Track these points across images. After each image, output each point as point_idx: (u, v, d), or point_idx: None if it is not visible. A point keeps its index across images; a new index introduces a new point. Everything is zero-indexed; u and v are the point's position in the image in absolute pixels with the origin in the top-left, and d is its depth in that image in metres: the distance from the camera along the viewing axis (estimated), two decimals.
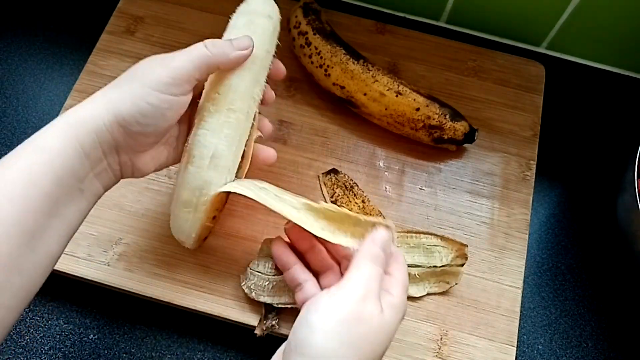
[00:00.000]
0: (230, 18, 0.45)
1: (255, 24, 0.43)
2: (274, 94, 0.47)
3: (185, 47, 0.57)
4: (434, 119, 0.51)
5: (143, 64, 0.39)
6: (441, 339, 0.47)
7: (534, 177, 0.54)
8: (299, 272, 0.42)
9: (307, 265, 0.43)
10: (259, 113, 0.45)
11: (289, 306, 0.44)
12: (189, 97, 0.40)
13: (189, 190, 0.41)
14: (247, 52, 0.41)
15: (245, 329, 0.47)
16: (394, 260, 0.39)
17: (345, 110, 0.55)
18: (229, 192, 0.42)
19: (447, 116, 0.51)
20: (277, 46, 0.45)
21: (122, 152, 0.38)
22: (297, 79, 0.57)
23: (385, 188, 0.53)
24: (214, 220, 0.45)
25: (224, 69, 0.41)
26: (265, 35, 0.43)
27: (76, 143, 0.35)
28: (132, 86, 0.37)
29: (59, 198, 0.34)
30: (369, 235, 0.38)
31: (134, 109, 0.37)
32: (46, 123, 0.55)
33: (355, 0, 0.65)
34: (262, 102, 0.45)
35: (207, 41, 0.40)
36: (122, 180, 0.40)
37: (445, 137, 0.52)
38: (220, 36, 0.58)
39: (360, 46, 0.58)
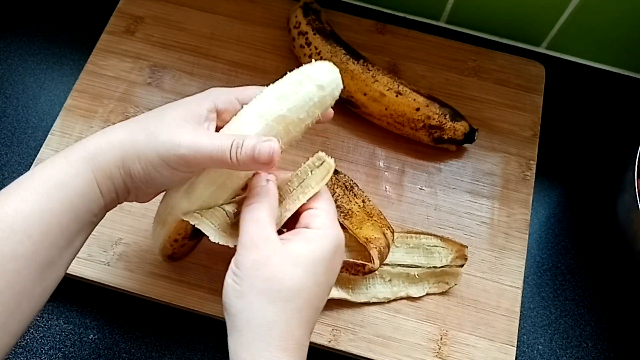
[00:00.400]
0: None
1: (303, 86, 0.38)
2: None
3: (185, 47, 0.58)
4: (434, 119, 0.51)
5: (168, 126, 0.36)
6: (441, 339, 0.47)
7: (534, 177, 0.54)
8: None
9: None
10: None
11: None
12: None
13: (163, 203, 0.41)
14: (265, 168, 0.37)
15: None
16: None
17: (345, 110, 0.55)
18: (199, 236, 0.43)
19: (447, 116, 0.51)
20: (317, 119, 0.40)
21: (132, 193, 0.38)
22: None
23: (385, 188, 0.53)
24: (178, 245, 0.43)
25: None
26: (304, 103, 0.38)
27: (95, 185, 0.35)
28: (149, 148, 0.36)
29: (74, 232, 0.35)
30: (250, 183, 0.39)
31: (144, 174, 0.36)
32: (46, 123, 0.56)
33: (355, 0, 0.65)
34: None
35: (236, 142, 0.35)
36: None
37: (445, 137, 0.52)
38: (219, 35, 0.58)
39: (360, 46, 0.58)
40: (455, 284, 0.48)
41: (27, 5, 0.63)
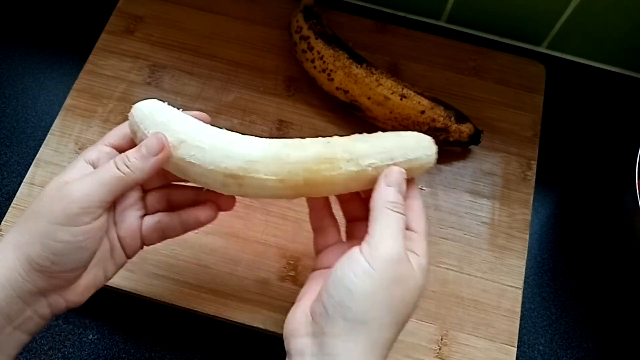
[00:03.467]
0: None
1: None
2: None
3: (185, 46, 0.58)
4: (439, 122, 0.51)
5: (46, 196, 0.34)
6: (441, 339, 0.47)
7: (534, 177, 0.54)
8: (325, 215, 0.40)
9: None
10: None
11: None
12: (105, 217, 0.35)
13: None
14: (162, 156, 0.35)
15: (245, 330, 0.47)
16: (411, 209, 0.37)
17: (345, 110, 0.55)
18: None
19: (452, 118, 0.51)
20: None
21: (50, 294, 0.34)
22: (297, 79, 0.57)
23: None
24: None
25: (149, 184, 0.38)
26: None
27: (14, 257, 0.32)
28: (38, 225, 0.33)
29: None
30: (381, 177, 0.36)
31: (45, 251, 0.33)
32: (45, 123, 0.56)
33: (355, 0, 0.65)
34: None
35: (117, 159, 0.35)
36: None
37: (451, 139, 0.52)
38: (219, 35, 0.58)
39: (360, 46, 0.58)
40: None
41: (27, 6, 0.63)
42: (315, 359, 0.32)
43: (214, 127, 0.37)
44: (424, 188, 0.53)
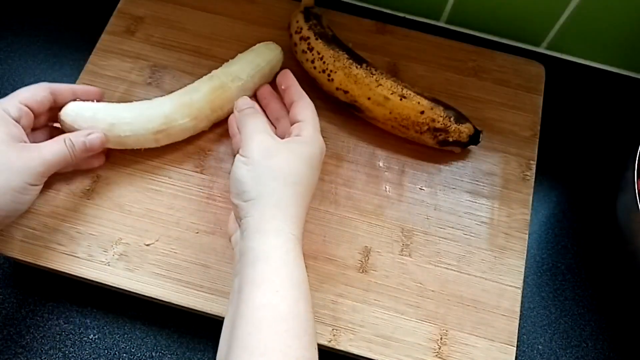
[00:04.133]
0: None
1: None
2: None
3: (186, 47, 0.58)
4: (438, 122, 0.51)
5: (14, 155, 0.42)
6: (441, 338, 0.47)
7: (533, 177, 0.54)
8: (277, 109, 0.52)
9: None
10: None
11: None
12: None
13: None
14: (97, 151, 0.48)
15: None
16: (294, 106, 0.48)
17: (345, 110, 0.55)
18: None
19: (452, 119, 0.51)
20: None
21: None
22: (297, 79, 0.57)
23: (385, 188, 0.53)
24: None
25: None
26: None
27: None
28: (11, 180, 0.42)
29: None
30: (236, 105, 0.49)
31: (13, 205, 0.43)
32: None
33: (355, 0, 0.65)
34: None
35: (66, 138, 0.45)
36: (121, 180, 0.41)
37: (450, 139, 0.52)
38: (220, 35, 0.58)
39: (360, 46, 0.58)
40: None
41: (27, 5, 0.63)
42: (241, 241, 0.41)
43: (127, 104, 0.49)
44: (423, 188, 0.53)
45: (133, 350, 0.48)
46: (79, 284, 0.49)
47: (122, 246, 0.49)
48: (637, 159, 0.47)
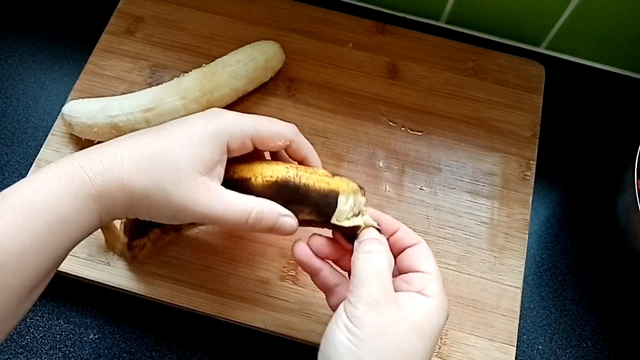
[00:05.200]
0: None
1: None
2: None
3: (186, 47, 0.58)
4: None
5: (182, 188, 0.35)
6: (441, 338, 0.47)
7: (533, 177, 0.54)
8: (328, 275, 0.38)
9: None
10: None
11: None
12: None
13: None
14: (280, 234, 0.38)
15: (245, 329, 0.47)
16: (415, 252, 0.37)
17: (345, 110, 0.55)
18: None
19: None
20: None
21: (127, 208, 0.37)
22: (297, 79, 0.57)
23: (385, 188, 0.53)
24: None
25: None
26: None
27: (98, 222, 0.35)
28: (162, 206, 0.35)
29: (65, 254, 0.34)
30: (359, 235, 0.36)
31: (148, 215, 0.36)
32: (46, 123, 0.56)
33: (355, 0, 0.65)
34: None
35: (255, 213, 0.36)
36: None
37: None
38: (220, 35, 0.58)
39: (360, 46, 0.58)
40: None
41: (27, 5, 0.63)
42: None
43: (121, 95, 0.51)
44: (423, 188, 0.53)
45: (133, 351, 0.48)
46: (79, 284, 0.49)
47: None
48: (637, 159, 0.47)
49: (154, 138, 0.36)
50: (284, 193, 0.37)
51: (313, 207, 0.37)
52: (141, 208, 0.35)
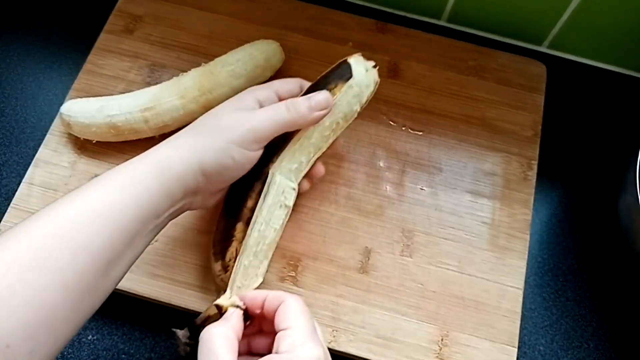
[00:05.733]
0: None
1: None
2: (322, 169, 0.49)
3: (185, 46, 0.57)
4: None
5: (227, 117, 0.41)
6: (442, 340, 0.47)
7: (535, 177, 0.54)
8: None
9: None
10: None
11: None
12: (261, 151, 0.42)
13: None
14: (323, 113, 0.43)
15: None
16: (279, 312, 0.37)
17: None
18: None
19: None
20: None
21: (199, 193, 0.41)
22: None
23: (386, 188, 0.53)
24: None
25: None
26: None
27: (163, 187, 0.38)
28: (216, 140, 0.40)
29: (137, 232, 0.37)
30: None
31: (217, 163, 0.40)
32: (45, 123, 0.56)
33: None
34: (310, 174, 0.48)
35: (288, 102, 0.42)
36: None
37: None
38: (219, 35, 0.58)
39: (360, 45, 0.58)
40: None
41: (26, 5, 0.63)
42: None
43: (119, 95, 0.51)
44: (424, 188, 0.53)
45: (132, 352, 0.48)
46: None
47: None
48: (639, 158, 0.47)
49: (200, 118, 0.43)
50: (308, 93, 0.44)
51: (330, 78, 0.46)
52: (203, 155, 0.39)
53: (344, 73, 0.45)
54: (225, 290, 0.42)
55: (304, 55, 0.58)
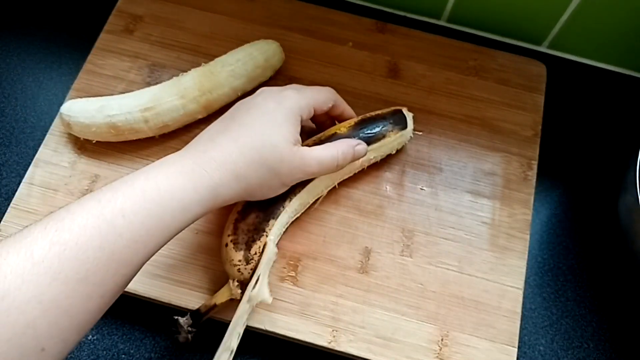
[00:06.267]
0: None
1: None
2: None
3: (185, 46, 0.57)
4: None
5: (286, 160, 0.42)
6: (442, 340, 0.47)
7: (535, 177, 0.54)
8: None
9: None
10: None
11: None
12: None
13: None
14: (357, 159, 0.48)
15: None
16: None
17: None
18: None
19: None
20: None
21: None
22: (296, 78, 0.57)
23: (386, 188, 0.53)
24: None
25: None
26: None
27: (208, 210, 0.39)
28: (263, 174, 0.41)
29: (172, 238, 0.38)
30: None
31: (254, 190, 0.42)
32: (45, 123, 0.56)
33: None
34: None
35: (340, 157, 0.45)
36: None
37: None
38: (219, 35, 0.58)
39: (360, 45, 0.58)
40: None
41: (26, 5, 0.63)
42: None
43: (119, 95, 0.51)
44: (424, 188, 0.53)
45: (132, 352, 0.48)
46: None
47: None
48: (639, 158, 0.47)
49: (245, 131, 0.42)
50: (363, 126, 0.49)
51: (389, 121, 0.50)
52: (256, 189, 0.42)
53: (399, 121, 0.51)
54: (238, 281, 0.45)
55: (304, 55, 0.58)
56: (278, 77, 0.56)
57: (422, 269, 0.49)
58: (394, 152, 0.52)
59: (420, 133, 0.55)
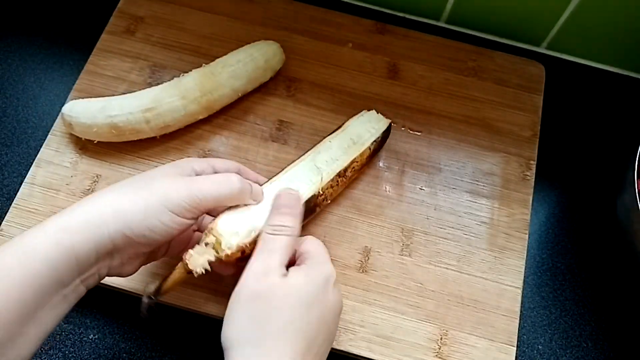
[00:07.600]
0: None
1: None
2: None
3: (186, 47, 0.58)
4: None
5: (163, 178, 0.38)
6: (441, 338, 0.47)
7: (533, 177, 0.54)
8: None
9: None
10: None
11: None
12: (195, 220, 0.40)
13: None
14: (258, 202, 0.42)
15: None
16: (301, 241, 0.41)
17: (345, 110, 0.55)
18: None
19: None
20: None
21: (117, 257, 0.37)
22: (297, 79, 0.57)
23: (385, 188, 0.53)
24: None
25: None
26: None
27: (70, 252, 0.34)
28: (148, 200, 0.37)
29: (38, 305, 0.33)
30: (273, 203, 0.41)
31: (145, 225, 0.36)
32: (46, 123, 0.56)
33: (355, 0, 0.65)
34: None
35: (237, 180, 0.40)
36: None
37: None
38: (219, 35, 0.58)
39: (360, 46, 0.58)
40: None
41: (27, 6, 0.63)
42: None
43: (121, 95, 0.51)
44: (423, 188, 0.53)
45: (133, 351, 0.48)
46: None
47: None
48: (637, 158, 0.47)
49: (136, 191, 0.38)
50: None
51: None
52: (139, 235, 0.37)
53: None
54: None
55: (304, 56, 0.58)
56: (278, 78, 0.57)
57: (422, 268, 0.49)
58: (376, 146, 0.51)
59: (420, 133, 0.55)
